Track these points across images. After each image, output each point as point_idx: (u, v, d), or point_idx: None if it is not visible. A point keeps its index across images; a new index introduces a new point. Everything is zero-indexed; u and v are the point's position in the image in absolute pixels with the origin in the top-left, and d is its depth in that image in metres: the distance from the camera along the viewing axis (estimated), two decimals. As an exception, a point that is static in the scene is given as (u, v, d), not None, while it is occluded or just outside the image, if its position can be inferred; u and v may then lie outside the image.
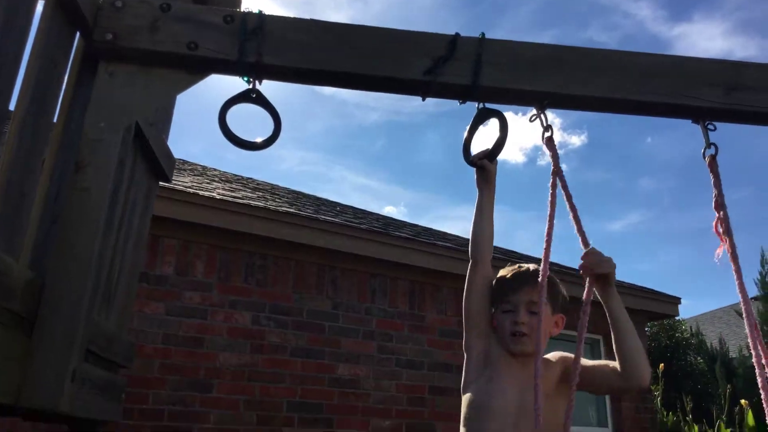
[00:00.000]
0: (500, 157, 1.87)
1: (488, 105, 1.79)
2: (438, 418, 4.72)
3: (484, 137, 1.88)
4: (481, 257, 1.86)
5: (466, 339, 1.87)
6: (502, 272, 1.90)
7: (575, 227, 1.74)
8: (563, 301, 1.91)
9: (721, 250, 1.63)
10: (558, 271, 5.98)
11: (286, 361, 4.27)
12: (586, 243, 1.73)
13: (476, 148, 1.90)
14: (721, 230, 1.61)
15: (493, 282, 1.88)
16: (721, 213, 1.61)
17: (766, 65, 1.80)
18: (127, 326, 2.16)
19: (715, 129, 1.80)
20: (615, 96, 1.78)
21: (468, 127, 1.84)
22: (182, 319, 3.98)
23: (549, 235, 1.74)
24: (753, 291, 9.53)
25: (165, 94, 1.85)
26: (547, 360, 1.87)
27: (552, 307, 1.84)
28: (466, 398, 1.81)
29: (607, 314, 1.78)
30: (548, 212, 1.76)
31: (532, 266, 1.91)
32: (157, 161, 2.20)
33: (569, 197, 1.74)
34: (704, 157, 1.75)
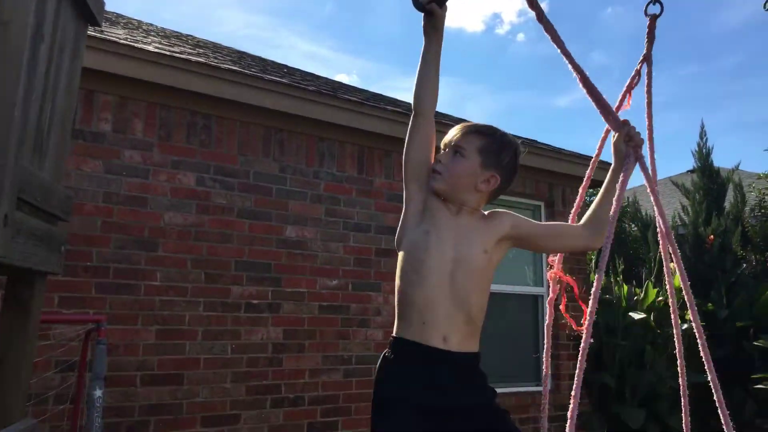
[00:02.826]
0: (457, 24, 1.78)
1: None
2: (383, 279, 4.87)
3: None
4: (423, 109, 1.82)
5: (406, 191, 1.86)
6: None
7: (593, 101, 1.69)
8: (504, 163, 1.84)
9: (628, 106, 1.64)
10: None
11: (232, 222, 4.25)
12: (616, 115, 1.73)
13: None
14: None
15: None
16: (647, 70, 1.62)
17: None
18: (62, 178, 2.08)
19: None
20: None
21: None
22: (123, 177, 3.87)
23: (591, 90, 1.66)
24: (690, 163, 9.89)
25: None
26: (493, 213, 1.88)
27: (484, 161, 1.80)
28: (403, 250, 1.83)
29: (609, 180, 1.83)
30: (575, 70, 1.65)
31: (481, 123, 1.89)
32: (83, 1, 2.03)
33: (569, 59, 1.64)
34: (646, 14, 1.69)
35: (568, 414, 1.40)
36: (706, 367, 1.67)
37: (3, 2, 1.47)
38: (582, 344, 1.53)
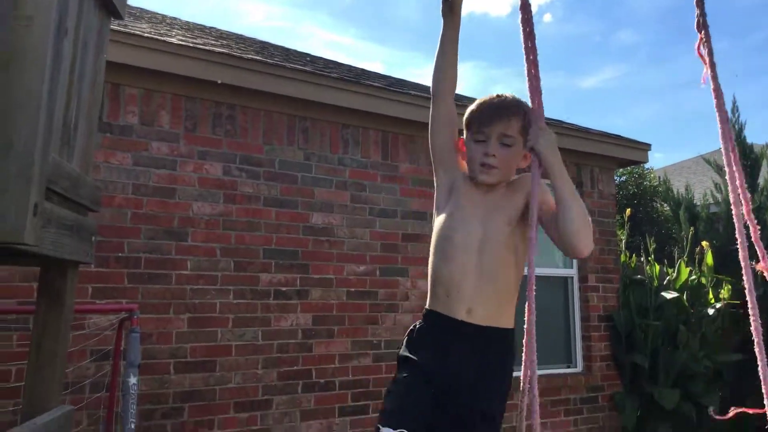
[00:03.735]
0: (482, 8, 1.79)
1: None
2: (410, 263, 4.88)
3: None
4: (442, 92, 1.83)
5: (436, 176, 1.90)
6: (479, 100, 1.87)
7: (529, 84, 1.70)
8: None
9: (706, 75, 1.60)
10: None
11: (259, 210, 4.29)
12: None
13: None
14: (704, 52, 1.57)
15: (470, 109, 1.86)
16: (703, 33, 1.57)
17: None
18: (90, 170, 2.13)
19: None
20: None
21: None
22: (151, 169, 3.93)
23: (532, 71, 1.68)
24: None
25: None
26: (515, 183, 1.87)
27: (524, 140, 1.81)
28: (434, 229, 1.87)
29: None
30: (525, 50, 1.69)
31: (510, 96, 1.86)
32: (106, -6, 2.06)
33: (528, 39, 1.66)
34: None
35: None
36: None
37: (25, -2, 1.50)
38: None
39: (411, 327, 1.85)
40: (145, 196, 3.90)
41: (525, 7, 1.65)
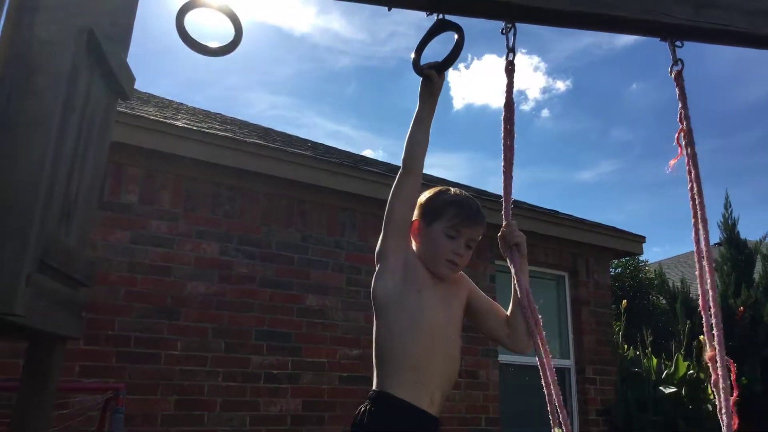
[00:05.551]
0: (482, 101, 1.87)
1: (448, 17, 1.76)
2: (405, 349, 4.80)
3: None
4: (414, 167, 1.86)
5: (384, 244, 1.86)
6: (455, 195, 1.89)
7: (503, 183, 1.80)
8: None
9: (675, 160, 1.66)
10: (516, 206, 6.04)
11: (254, 291, 4.28)
12: (507, 213, 1.81)
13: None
14: (682, 142, 1.63)
15: (443, 199, 1.88)
16: (684, 125, 1.63)
17: (737, -18, 1.78)
18: (87, 244, 2.14)
19: (682, 46, 1.79)
20: (584, 10, 1.75)
21: (422, 37, 1.81)
22: (148, 247, 3.95)
23: (507, 177, 1.77)
24: (716, 236, 9.73)
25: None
26: (455, 276, 1.90)
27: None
28: (391, 306, 1.83)
29: (515, 285, 1.82)
30: (503, 147, 1.79)
31: (475, 206, 1.90)
32: (114, 76, 2.13)
33: (507, 137, 1.77)
34: (671, 73, 1.76)
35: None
36: None
37: (37, 73, 1.57)
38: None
39: (366, 417, 1.70)
40: (140, 274, 3.89)
41: (509, 106, 1.74)
